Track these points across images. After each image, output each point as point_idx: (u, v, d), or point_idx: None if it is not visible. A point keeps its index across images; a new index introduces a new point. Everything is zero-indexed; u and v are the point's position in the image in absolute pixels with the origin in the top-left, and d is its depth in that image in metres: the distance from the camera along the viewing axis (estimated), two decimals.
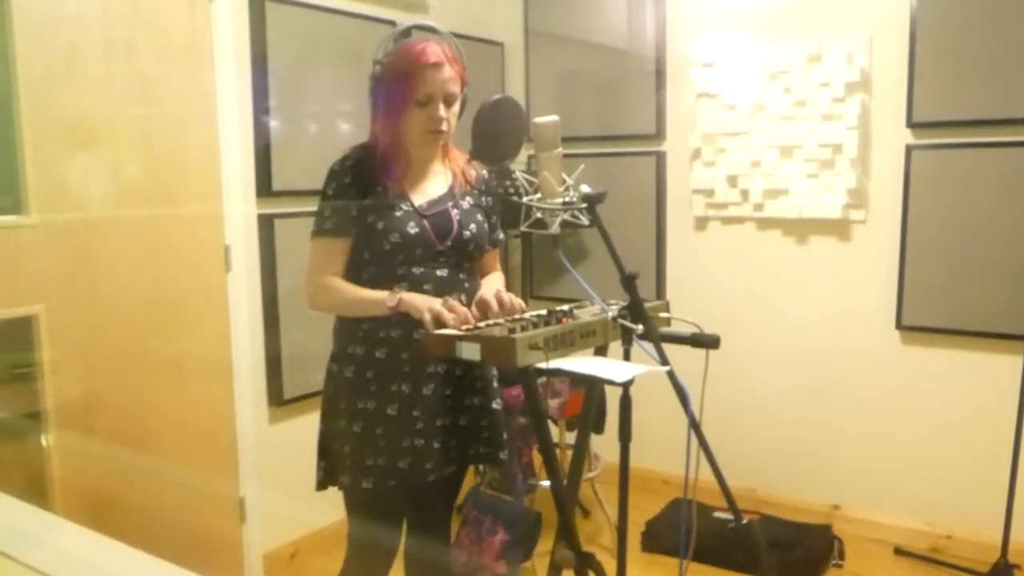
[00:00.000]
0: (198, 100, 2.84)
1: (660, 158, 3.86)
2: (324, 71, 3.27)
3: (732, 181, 3.65)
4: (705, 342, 2.01)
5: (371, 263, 2.01)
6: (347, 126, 3.37)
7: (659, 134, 3.86)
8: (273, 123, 3.09)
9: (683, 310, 2.18)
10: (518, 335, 1.73)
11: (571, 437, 3.35)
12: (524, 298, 2.11)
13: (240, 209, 2.98)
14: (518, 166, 3.62)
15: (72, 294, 2.46)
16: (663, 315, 2.15)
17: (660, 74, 3.82)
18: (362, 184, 2.00)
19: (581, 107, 4.06)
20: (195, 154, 2.84)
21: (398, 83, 1.97)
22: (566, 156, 2.02)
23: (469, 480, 2.42)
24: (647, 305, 1.91)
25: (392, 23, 3.48)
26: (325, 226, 2.01)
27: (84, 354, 2.50)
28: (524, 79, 4.23)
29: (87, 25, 2.50)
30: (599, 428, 3.19)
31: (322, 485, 2.11)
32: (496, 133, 2.25)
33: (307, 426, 3.10)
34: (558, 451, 3.27)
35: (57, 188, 2.42)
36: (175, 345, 2.76)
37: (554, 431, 3.40)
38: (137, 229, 2.66)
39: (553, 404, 3.22)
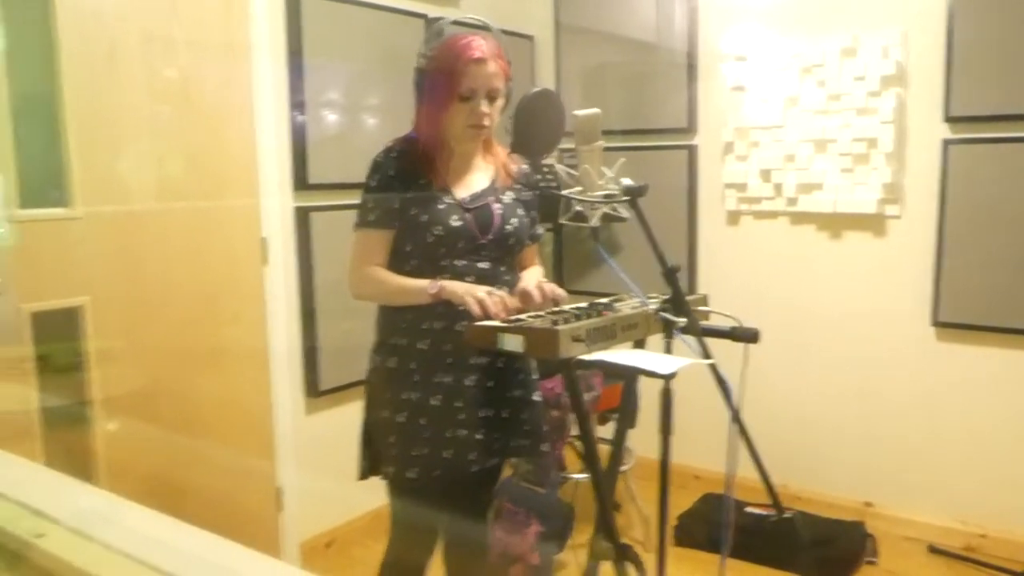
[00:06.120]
0: (236, 95, 2.87)
1: (692, 152, 3.85)
2: (359, 65, 3.29)
3: (765, 175, 3.64)
4: (745, 336, 2.02)
5: (413, 255, 2.02)
6: (382, 120, 3.39)
7: (691, 128, 3.85)
8: (309, 117, 3.11)
9: (714, 304, 2.19)
10: (561, 327, 1.74)
11: (603, 431, 3.36)
12: None
13: (277, 202, 3.00)
14: (552, 159, 3.64)
15: (116, 286, 2.50)
16: (702, 309, 2.15)
17: (691, 67, 3.81)
18: (405, 177, 2.02)
19: (612, 101, 4.06)
20: (233, 148, 2.87)
21: (442, 77, 1.98)
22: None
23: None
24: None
25: (424, 16, 3.49)
26: (368, 218, 2.03)
27: (127, 344, 2.54)
28: (554, 73, 4.23)
29: (127, 22, 2.53)
30: (632, 422, 3.20)
31: (364, 474, 2.13)
32: (535, 127, 2.26)
33: (343, 416, 3.15)
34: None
35: (101, 182, 2.46)
36: (214, 336, 2.79)
37: None
38: (177, 222, 2.69)
39: (586, 398, 3.23)
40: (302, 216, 3.13)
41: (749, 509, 3.32)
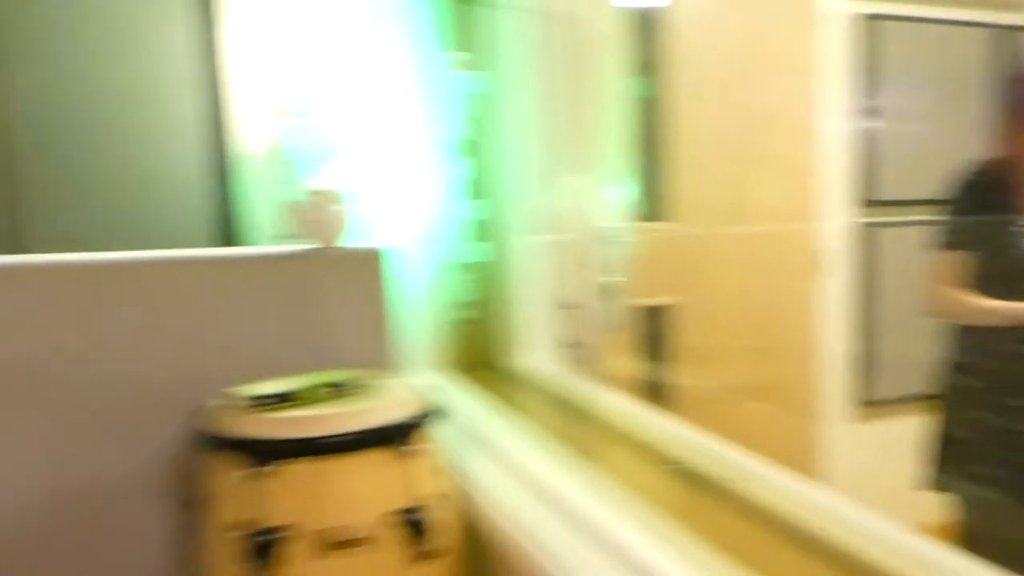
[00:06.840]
0: (803, 115, 3.10)
1: None
2: (927, 81, 3.32)
3: None
4: None
5: (993, 278, 2.03)
6: (949, 137, 3.34)
7: None
8: (876, 135, 3.27)
9: None
10: None
11: None
12: None
13: (838, 219, 3.21)
14: None
15: (698, 289, 2.94)
16: None
17: None
18: (988, 200, 2.04)
19: None
20: (795, 166, 3.12)
21: None
22: None
23: None
24: None
25: (992, 26, 3.34)
26: (949, 240, 2.09)
27: (703, 338, 2.95)
28: None
29: (717, 57, 2.90)
30: None
31: (926, 486, 2.20)
32: None
33: (893, 429, 3.20)
34: None
35: (688, 201, 2.90)
36: (771, 337, 3.08)
37: None
38: (741, 234, 3.03)
39: None
40: (866, 231, 3.30)
41: None
